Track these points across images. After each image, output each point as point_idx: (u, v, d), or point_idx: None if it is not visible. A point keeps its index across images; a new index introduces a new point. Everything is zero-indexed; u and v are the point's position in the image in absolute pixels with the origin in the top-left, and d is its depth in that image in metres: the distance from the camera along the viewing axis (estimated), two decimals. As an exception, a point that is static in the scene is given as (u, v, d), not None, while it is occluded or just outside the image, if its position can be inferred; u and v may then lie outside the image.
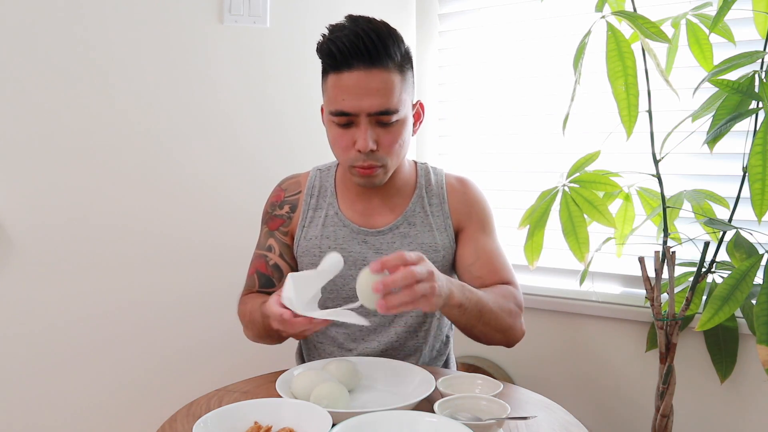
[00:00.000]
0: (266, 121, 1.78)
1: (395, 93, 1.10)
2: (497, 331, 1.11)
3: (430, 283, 0.91)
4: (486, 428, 0.84)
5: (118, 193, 1.65)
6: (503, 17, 1.78)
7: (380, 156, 1.13)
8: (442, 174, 1.29)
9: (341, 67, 1.08)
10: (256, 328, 1.16)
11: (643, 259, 1.36)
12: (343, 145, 1.13)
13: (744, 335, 1.42)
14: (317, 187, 1.28)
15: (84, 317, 1.63)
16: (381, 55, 1.08)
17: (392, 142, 1.13)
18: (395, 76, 1.10)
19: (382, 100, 1.08)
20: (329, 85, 1.11)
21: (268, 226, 1.29)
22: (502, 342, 1.15)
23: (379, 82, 1.08)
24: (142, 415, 1.69)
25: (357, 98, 1.08)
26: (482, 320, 1.07)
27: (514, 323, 1.14)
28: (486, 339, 1.14)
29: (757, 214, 1.13)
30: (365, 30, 1.07)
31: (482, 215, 1.26)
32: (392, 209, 1.23)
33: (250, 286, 1.28)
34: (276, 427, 0.85)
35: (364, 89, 1.08)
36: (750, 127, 1.26)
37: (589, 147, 1.46)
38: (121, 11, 1.61)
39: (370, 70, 1.07)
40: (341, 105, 1.09)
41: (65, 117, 1.59)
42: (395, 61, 1.10)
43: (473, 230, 1.24)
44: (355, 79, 1.07)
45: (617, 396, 1.63)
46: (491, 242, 1.24)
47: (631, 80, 1.23)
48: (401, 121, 1.13)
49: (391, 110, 1.10)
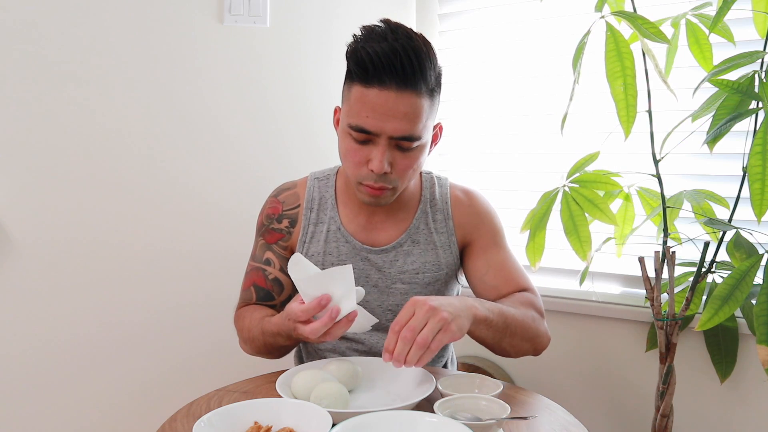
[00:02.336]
0: (266, 122, 1.78)
1: (422, 119, 1.04)
2: (525, 340, 1.08)
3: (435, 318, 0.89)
4: (486, 428, 0.84)
5: (118, 193, 1.65)
6: (503, 17, 1.78)
7: (392, 179, 1.08)
8: (447, 186, 1.25)
9: (372, 81, 1.01)
10: (256, 342, 1.14)
11: (643, 259, 1.36)
12: (356, 161, 1.08)
13: (744, 335, 1.42)
14: (316, 199, 1.23)
15: (84, 318, 1.63)
16: (417, 77, 1.01)
17: (408, 167, 1.08)
18: (425, 101, 1.03)
19: (408, 125, 1.02)
20: (354, 97, 1.04)
21: (265, 239, 1.25)
22: (530, 351, 1.12)
23: (409, 106, 1.01)
24: (142, 415, 1.69)
25: (382, 119, 1.02)
26: (509, 331, 1.04)
27: (539, 329, 1.11)
28: (515, 351, 1.09)
29: (756, 214, 1.13)
30: (405, 47, 0.99)
31: (491, 227, 1.23)
32: (396, 224, 1.20)
33: (246, 299, 1.24)
34: (276, 427, 0.85)
35: (392, 111, 1.01)
36: (750, 127, 1.26)
37: (588, 147, 1.46)
38: (121, 11, 1.61)
39: (401, 91, 1.00)
40: (364, 122, 1.03)
41: (65, 117, 1.59)
42: (428, 85, 1.03)
43: (483, 243, 1.21)
44: (384, 98, 1.00)
45: (617, 396, 1.63)
46: (503, 252, 1.22)
47: (630, 81, 1.23)
48: (421, 147, 1.08)
49: (414, 137, 1.04)
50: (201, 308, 1.75)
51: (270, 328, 1.09)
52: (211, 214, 1.74)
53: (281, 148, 1.80)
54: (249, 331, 1.16)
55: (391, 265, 1.19)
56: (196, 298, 1.74)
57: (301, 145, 1.81)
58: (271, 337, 1.10)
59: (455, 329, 0.91)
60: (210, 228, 1.74)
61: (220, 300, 1.69)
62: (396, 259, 1.19)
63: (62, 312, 1.61)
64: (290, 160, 1.80)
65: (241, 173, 1.76)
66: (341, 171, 1.26)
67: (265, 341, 1.12)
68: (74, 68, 1.58)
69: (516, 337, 1.06)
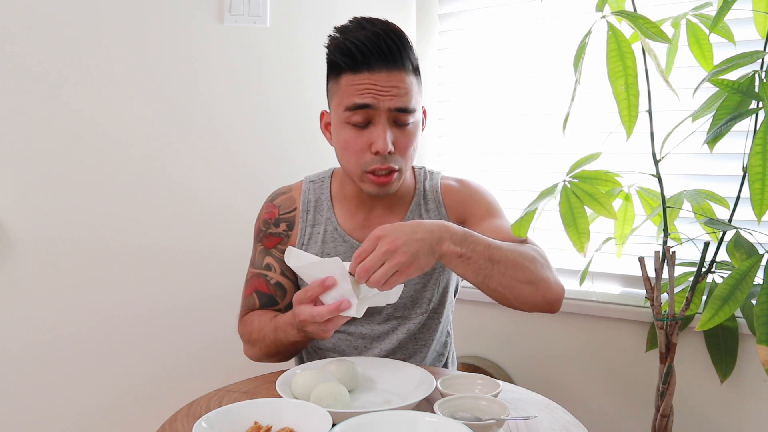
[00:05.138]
0: (266, 122, 1.78)
1: (413, 94, 1.10)
2: (522, 282, 1.00)
3: (392, 261, 0.89)
4: (486, 428, 0.84)
5: (118, 193, 1.64)
6: (503, 17, 1.78)
7: (397, 159, 1.11)
8: (438, 178, 1.27)
9: (361, 68, 1.06)
10: (267, 340, 1.13)
11: (643, 259, 1.36)
12: (358, 148, 1.09)
13: (744, 335, 1.42)
14: (312, 201, 1.24)
15: (84, 318, 1.63)
16: (402, 55, 1.08)
17: (408, 145, 1.12)
18: (412, 78, 1.10)
19: (403, 98, 1.08)
20: (343, 84, 1.09)
21: (264, 244, 1.25)
22: (536, 297, 1.02)
23: (400, 81, 1.07)
24: (142, 415, 1.69)
25: (377, 94, 1.06)
26: (499, 269, 0.98)
27: (543, 274, 1.03)
28: (514, 295, 1.01)
29: (756, 214, 1.13)
30: (385, 31, 1.06)
31: (485, 202, 1.23)
32: (392, 220, 1.21)
33: (249, 306, 1.23)
34: (276, 427, 0.85)
35: (386, 89, 1.06)
36: (750, 127, 1.26)
37: (589, 147, 1.46)
38: (121, 11, 1.61)
39: (391, 71, 1.07)
40: (361, 98, 1.06)
41: (64, 117, 1.58)
42: (413, 63, 1.11)
43: (478, 216, 1.21)
44: (376, 79, 1.06)
45: (617, 396, 1.63)
46: (500, 219, 1.21)
47: (632, 80, 1.23)
48: (415, 124, 1.13)
49: (410, 109, 1.09)
50: (200, 308, 1.75)
51: (284, 319, 1.08)
52: (211, 214, 1.74)
53: (281, 148, 1.80)
54: (260, 330, 1.15)
55: None
56: (196, 297, 1.74)
57: (300, 145, 1.81)
58: (283, 332, 1.09)
59: (414, 270, 0.91)
60: (209, 228, 1.74)
61: (220, 300, 1.70)
62: None
63: (62, 311, 1.61)
64: (290, 160, 1.80)
65: (241, 173, 1.76)
66: (336, 173, 1.28)
67: (277, 337, 1.11)
68: (74, 68, 1.58)
69: (510, 277, 0.99)
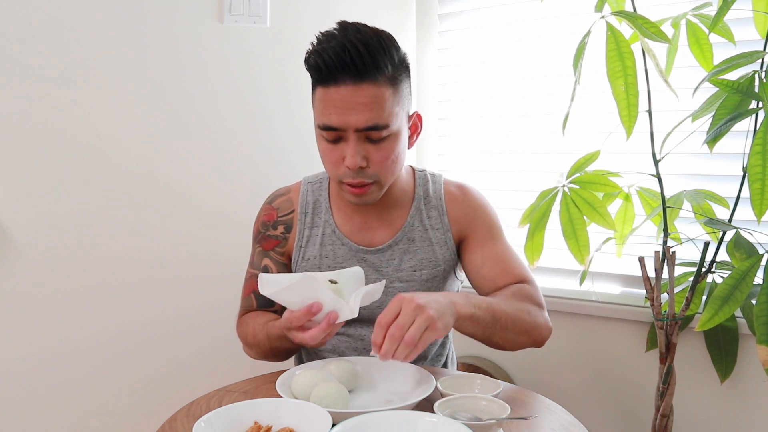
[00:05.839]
0: (266, 122, 1.78)
1: (385, 107, 1.04)
2: (519, 334, 1.07)
3: (422, 317, 0.89)
4: (486, 428, 0.84)
5: (118, 194, 1.64)
6: (503, 17, 1.78)
7: (371, 173, 1.08)
8: (441, 182, 1.25)
9: (327, 81, 1.03)
10: (262, 347, 1.15)
11: (643, 259, 1.36)
12: (333, 161, 1.09)
13: (744, 335, 1.42)
14: (310, 203, 1.24)
15: (84, 318, 1.63)
16: (369, 68, 1.02)
17: (384, 158, 1.08)
18: (385, 89, 1.04)
19: (371, 114, 1.03)
20: (317, 98, 1.07)
21: (262, 246, 1.25)
22: (529, 343, 1.11)
23: (367, 96, 1.03)
24: (142, 415, 1.69)
25: (344, 113, 1.03)
26: (499, 326, 1.04)
27: (536, 321, 1.10)
28: (511, 344, 1.09)
29: (756, 214, 1.13)
30: (352, 42, 1.01)
31: (486, 220, 1.23)
32: (391, 223, 1.20)
33: (247, 307, 1.24)
34: (276, 427, 0.85)
35: (352, 104, 1.02)
36: (750, 127, 1.26)
37: (589, 147, 1.46)
38: (121, 12, 1.61)
39: (357, 84, 1.02)
40: (328, 119, 1.05)
41: (64, 118, 1.58)
42: (386, 73, 1.04)
43: (479, 237, 1.21)
44: (342, 94, 1.02)
45: (617, 396, 1.63)
46: (499, 244, 1.21)
47: (631, 80, 1.23)
48: (393, 136, 1.08)
49: (380, 125, 1.04)
50: (200, 309, 1.75)
51: (274, 331, 1.09)
52: (211, 216, 1.74)
53: (281, 148, 1.80)
54: (254, 336, 1.16)
55: (388, 264, 1.19)
56: (196, 299, 1.74)
57: (300, 145, 1.81)
58: (276, 341, 1.10)
59: (441, 327, 0.92)
60: (209, 229, 1.74)
61: (220, 301, 1.69)
62: (392, 258, 1.19)
63: (62, 313, 1.61)
64: (290, 161, 1.80)
65: (241, 173, 1.76)
66: None
67: (271, 345, 1.13)
68: (74, 69, 1.58)
69: (508, 331, 1.05)
